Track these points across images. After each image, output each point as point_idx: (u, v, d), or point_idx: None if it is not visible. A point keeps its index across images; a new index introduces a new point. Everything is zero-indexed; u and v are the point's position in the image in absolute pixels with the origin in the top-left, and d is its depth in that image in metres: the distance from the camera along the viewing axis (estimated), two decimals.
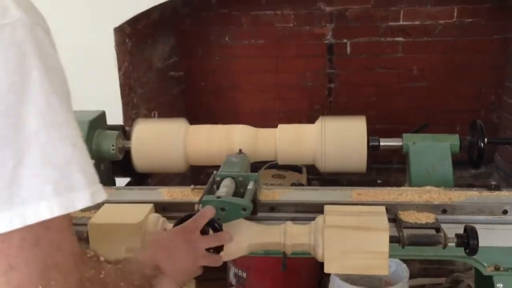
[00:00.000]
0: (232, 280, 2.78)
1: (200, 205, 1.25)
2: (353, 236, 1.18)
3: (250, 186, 1.35)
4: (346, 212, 1.26)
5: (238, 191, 1.35)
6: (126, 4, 2.40)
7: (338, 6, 2.93)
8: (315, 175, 2.94)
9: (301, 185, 2.69)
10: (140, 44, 2.62)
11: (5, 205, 0.66)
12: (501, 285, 1.32)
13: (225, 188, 1.31)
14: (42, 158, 0.67)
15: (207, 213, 1.13)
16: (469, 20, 2.87)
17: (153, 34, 2.77)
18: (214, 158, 1.70)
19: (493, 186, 1.46)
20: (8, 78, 0.66)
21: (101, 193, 0.73)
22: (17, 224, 0.65)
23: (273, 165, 1.95)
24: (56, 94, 0.70)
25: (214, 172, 1.40)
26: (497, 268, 1.32)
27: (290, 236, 1.23)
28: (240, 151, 1.56)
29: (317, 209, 1.33)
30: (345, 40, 2.99)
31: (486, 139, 1.63)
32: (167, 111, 2.90)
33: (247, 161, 1.52)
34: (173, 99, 3.07)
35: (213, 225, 1.15)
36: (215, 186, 1.37)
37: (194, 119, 1.87)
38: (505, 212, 1.37)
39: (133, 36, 2.53)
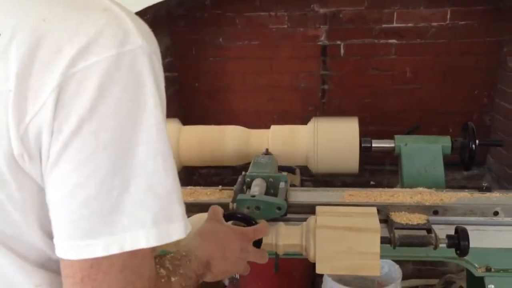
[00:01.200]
0: (225, 281, 2.78)
1: (235, 204, 1.25)
2: (344, 237, 1.18)
3: (282, 186, 1.35)
4: (337, 213, 1.26)
5: (269, 192, 1.35)
6: None
7: (332, 7, 2.93)
8: (309, 176, 2.94)
9: (294, 186, 2.68)
10: None
11: (105, 230, 0.66)
12: (493, 286, 1.33)
13: (258, 187, 1.32)
14: (146, 187, 0.67)
15: (267, 229, 1.14)
16: (462, 22, 2.88)
17: None
18: (207, 158, 1.70)
19: (484, 188, 1.47)
20: (126, 105, 0.67)
21: (189, 225, 0.73)
22: (114, 250, 0.65)
23: None
24: (164, 125, 0.71)
25: (243, 172, 1.41)
26: (488, 269, 1.33)
27: (282, 236, 1.23)
28: (267, 151, 1.56)
29: (309, 209, 1.33)
30: (338, 42, 2.99)
31: (477, 141, 1.64)
32: None
33: (275, 162, 1.52)
34: (167, 99, 3.03)
35: (260, 241, 1.15)
36: (245, 187, 1.37)
37: (188, 120, 1.87)
38: (496, 213, 1.38)
39: None
